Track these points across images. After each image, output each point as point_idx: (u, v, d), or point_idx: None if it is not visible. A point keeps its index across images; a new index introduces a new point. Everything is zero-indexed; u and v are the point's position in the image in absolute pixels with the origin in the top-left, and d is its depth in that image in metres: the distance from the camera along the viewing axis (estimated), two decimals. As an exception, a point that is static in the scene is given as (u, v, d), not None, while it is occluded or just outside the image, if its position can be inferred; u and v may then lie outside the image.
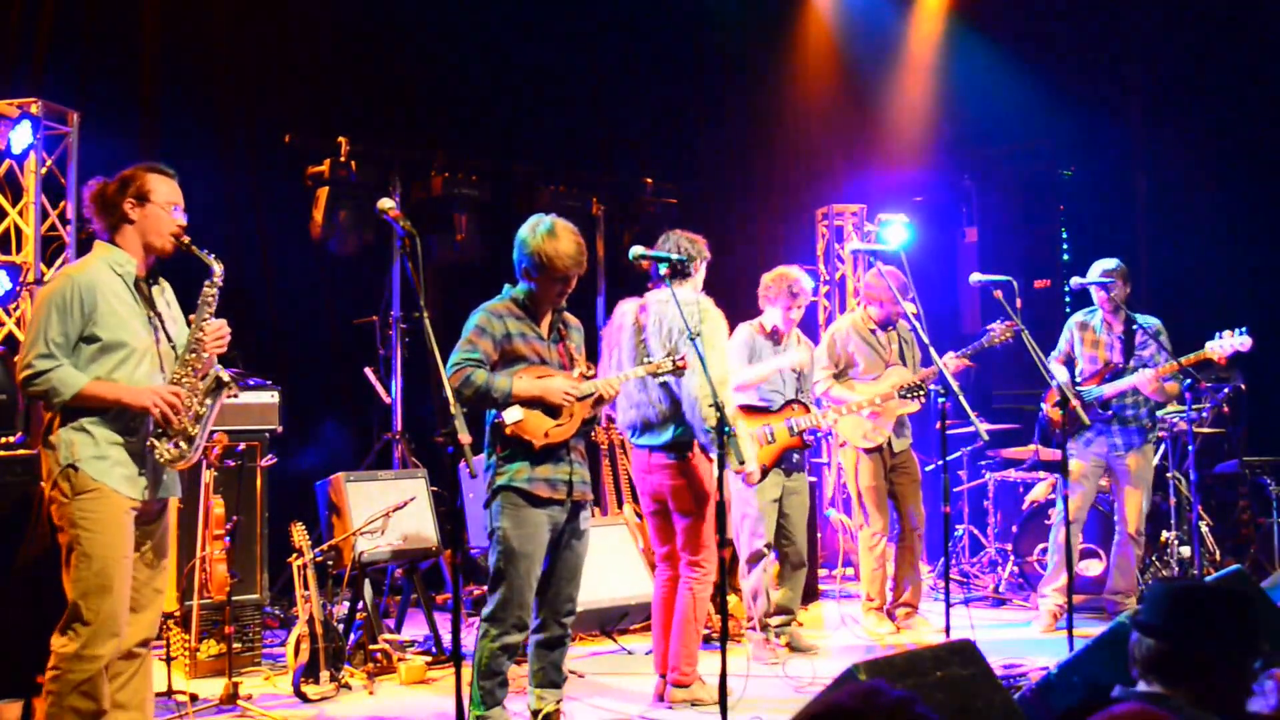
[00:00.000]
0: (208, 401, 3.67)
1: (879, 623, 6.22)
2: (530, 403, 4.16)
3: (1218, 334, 6.02)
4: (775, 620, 5.81)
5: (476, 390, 4.07)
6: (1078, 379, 6.36)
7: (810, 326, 9.02)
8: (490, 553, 4.20)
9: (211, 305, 3.73)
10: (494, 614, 4.15)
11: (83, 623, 3.45)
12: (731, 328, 5.82)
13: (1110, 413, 6.26)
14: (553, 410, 4.20)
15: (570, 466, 4.25)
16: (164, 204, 3.67)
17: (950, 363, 5.85)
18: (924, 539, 6.35)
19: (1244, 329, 5.97)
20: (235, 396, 3.80)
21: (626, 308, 4.97)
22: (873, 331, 6.32)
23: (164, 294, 3.82)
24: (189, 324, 3.78)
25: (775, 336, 5.86)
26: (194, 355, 3.68)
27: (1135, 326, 6.28)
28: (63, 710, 3.43)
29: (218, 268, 3.74)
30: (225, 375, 3.72)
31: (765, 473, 5.62)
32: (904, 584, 6.25)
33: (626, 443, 6.64)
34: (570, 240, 4.23)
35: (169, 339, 3.74)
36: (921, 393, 5.98)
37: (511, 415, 4.13)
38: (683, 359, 4.39)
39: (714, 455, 4.32)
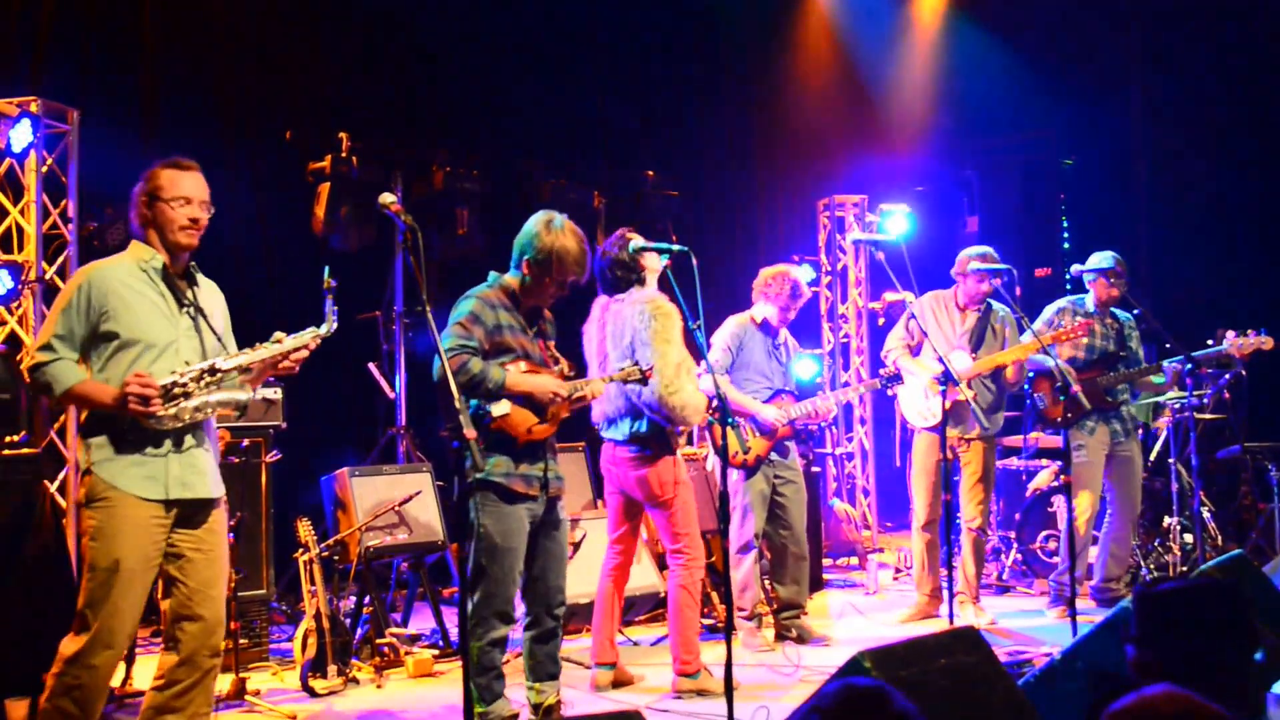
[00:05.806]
0: (210, 394, 3.51)
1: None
2: (518, 397, 4.15)
3: (1229, 332, 6.02)
4: (783, 615, 5.82)
5: (471, 378, 4.03)
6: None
7: (811, 317, 9.03)
8: (471, 550, 4.15)
9: (297, 349, 3.62)
10: (477, 611, 4.15)
11: (85, 630, 3.43)
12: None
13: (1113, 401, 6.26)
14: (537, 407, 4.20)
15: (545, 463, 4.28)
16: (171, 200, 3.58)
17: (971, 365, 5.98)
18: (975, 534, 6.16)
19: (1263, 329, 5.99)
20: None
21: (596, 305, 4.98)
22: (948, 309, 6.23)
23: (204, 293, 3.71)
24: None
25: (768, 330, 5.85)
26: (249, 355, 3.58)
27: (1132, 315, 6.33)
28: (53, 709, 3.43)
29: (326, 329, 3.64)
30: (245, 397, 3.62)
31: (760, 461, 5.66)
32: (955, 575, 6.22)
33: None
34: (578, 245, 4.26)
35: (212, 331, 3.65)
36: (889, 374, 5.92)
37: (499, 409, 4.10)
38: (649, 369, 4.45)
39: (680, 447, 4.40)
